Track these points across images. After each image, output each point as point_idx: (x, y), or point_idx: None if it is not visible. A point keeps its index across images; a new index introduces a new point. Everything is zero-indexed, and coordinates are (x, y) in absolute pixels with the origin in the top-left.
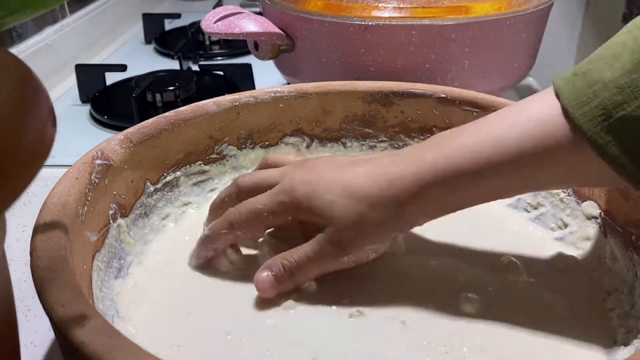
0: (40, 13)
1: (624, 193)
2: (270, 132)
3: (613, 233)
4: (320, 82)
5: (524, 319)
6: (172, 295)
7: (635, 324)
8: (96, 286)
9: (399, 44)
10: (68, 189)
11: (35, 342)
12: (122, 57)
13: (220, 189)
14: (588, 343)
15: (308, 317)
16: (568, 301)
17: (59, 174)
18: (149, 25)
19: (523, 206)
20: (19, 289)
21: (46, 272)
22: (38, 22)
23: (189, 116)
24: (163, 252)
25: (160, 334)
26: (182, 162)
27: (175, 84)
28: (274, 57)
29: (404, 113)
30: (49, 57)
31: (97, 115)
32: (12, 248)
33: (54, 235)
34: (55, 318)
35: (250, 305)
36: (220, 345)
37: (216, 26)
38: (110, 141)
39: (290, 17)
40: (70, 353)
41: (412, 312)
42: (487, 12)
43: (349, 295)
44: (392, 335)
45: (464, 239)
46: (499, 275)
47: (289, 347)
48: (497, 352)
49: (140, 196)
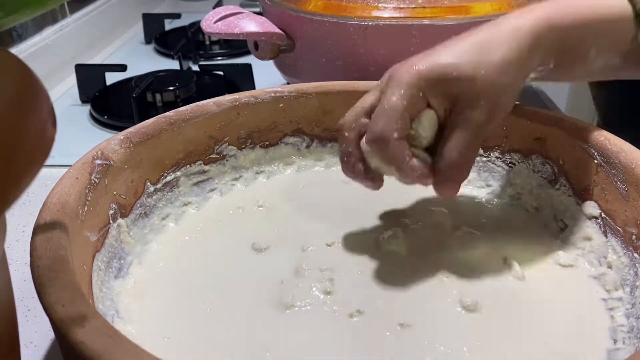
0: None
1: (624, 193)
2: (270, 132)
3: (613, 233)
4: (320, 82)
5: (524, 319)
6: (172, 295)
7: (636, 324)
8: (96, 286)
9: (399, 44)
10: (68, 189)
11: (35, 342)
12: (122, 57)
13: (220, 189)
14: (588, 343)
15: (308, 316)
16: (568, 301)
17: (59, 174)
18: (149, 25)
19: (523, 206)
20: (19, 289)
21: (46, 272)
22: (38, 22)
23: (189, 116)
24: (163, 252)
25: (160, 334)
26: (182, 162)
27: (175, 84)
28: (274, 57)
29: None
30: (49, 57)
31: (97, 115)
32: (12, 248)
33: (54, 235)
34: (55, 318)
35: (250, 305)
36: (220, 345)
37: (216, 26)
38: (110, 141)
39: (290, 17)
40: (70, 353)
41: (412, 312)
42: (487, 12)
43: (349, 295)
44: (392, 335)
45: (464, 238)
46: (499, 275)
47: (288, 347)
48: (497, 352)
49: (140, 196)
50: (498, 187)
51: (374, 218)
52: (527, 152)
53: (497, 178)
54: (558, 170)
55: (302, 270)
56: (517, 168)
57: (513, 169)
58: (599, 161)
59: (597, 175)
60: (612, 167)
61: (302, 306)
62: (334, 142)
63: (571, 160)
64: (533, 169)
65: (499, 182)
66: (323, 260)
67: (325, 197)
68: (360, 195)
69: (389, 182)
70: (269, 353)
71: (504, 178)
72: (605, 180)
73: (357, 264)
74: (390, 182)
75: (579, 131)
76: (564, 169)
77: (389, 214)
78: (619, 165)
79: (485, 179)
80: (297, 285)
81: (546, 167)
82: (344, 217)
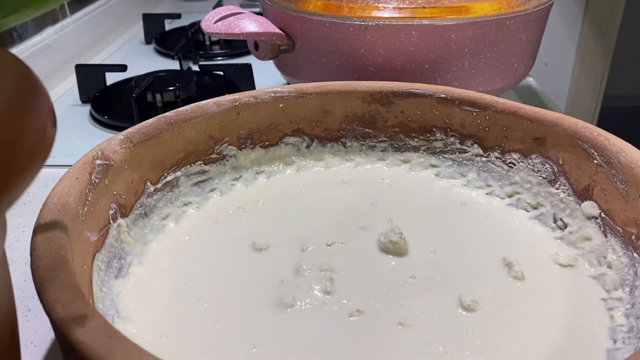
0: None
1: (624, 193)
2: (270, 132)
3: (613, 233)
4: (320, 82)
5: (524, 319)
6: (172, 295)
7: (635, 324)
8: (96, 286)
9: (399, 44)
10: (68, 189)
11: (35, 342)
12: (122, 57)
13: (220, 188)
14: (588, 343)
15: (307, 316)
16: (568, 301)
17: (59, 174)
18: (149, 26)
19: (523, 206)
20: (19, 289)
21: (46, 272)
22: (38, 22)
23: (189, 116)
24: (163, 252)
25: (161, 334)
26: (182, 162)
27: (175, 84)
28: (274, 57)
29: (404, 113)
30: (49, 57)
31: (97, 115)
32: (12, 248)
33: (54, 235)
34: (55, 318)
35: (250, 304)
36: (220, 345)
37: (216, 26)
38: (110, 141)
39: (290, 17)
40: (70, 353)
41: (412, 312)
42: (487, 12)
43: (349, 295)
44: (392, 335)
45: (464, 238)
46: (498, 275)
47: (288, 347)
48: (497, 352)
49: (141, 196)
50: (498, 187)
51: (374, 218)
52: (527, 152)
53: (497, 178)
54: (558, 170)
55: (302, 270)
56: (517, 168)
57: (513, 168)
58: (598, 161)
59: (597, 175)
60: (612, 167)
61: (302, 306)
62: (334, 142)
63: (571, 160)
64: (533, 168)
65: (498, 182)
66: (323, 260)
67: (325, 197)
68: (361, 195)
69: (390, 183)
70: (269, 353)
71: (504, 178)
72: (605, 180)
73: (357, 264)
74: (391, 183)
75: (579, 131)
76: (563, 169)
77: (389, 213)
78: (619, 165)
79: (484, 179)
80: (297, 285)
81: (546, 167)
82: (344, 217)
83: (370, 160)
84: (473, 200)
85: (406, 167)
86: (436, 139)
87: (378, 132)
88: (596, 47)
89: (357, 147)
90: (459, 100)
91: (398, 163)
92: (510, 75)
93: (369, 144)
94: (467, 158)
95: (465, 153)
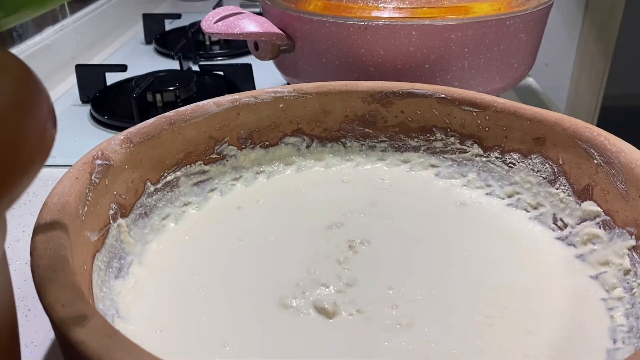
0: (40, 13)
1: (624, 193)
2: (270, 132)
3: (613, 233)
4: (320, 82)
5: (524, 319)
6: (172, 295)
7: (635, 324)
8: (96, 286)
9: (399, 44)
10: (68, 189)
11: (35, 342)
12: (122, 57)
13: (220, 188)
14: (587, 343)
15: (307, 316)
16: (568, 301)
17: (59, 174)
18: (149, 26)
19: (523, 206)
20: (19, 289)
21: (46, 272)
22: (38, 22)
23: (189, 116)
24: (163, 252)
25: (161, 334)
26: (182, 162)
27: (175, 84)
28: (274, 57)
29: (404, 113)
30: (49, 57)
31: (97, 115)
32: (12, 248)
33: (54, 235)
34: (55, 318)
35: (250, 304)
36: (220, 345)
37: (216, 26)
38: (110, 141)
39: (290, 17)
40: (70, 353)
41: (413, 312)
42: (487, 12)
43: (349, 296)
44: (392, 336)
45: (464, 238)
46: (498, 275)
47: (288, 347)
48: (497, 352)
49: (141, 196)
50: (498, 187)
51: (374, 217)
52: (527, 152)
53: (497, 178)
54: (558, 170)
55: (302, 270)
56: (517, 168)
57: (513, 168)
58: (598, 161)
59: (597, 175)
60: (612, 167)
61: (302, 306)
62: (334, 142)
63: (571, 160)
64: (533, 168)
65: (498, 182)
66: (323, 260)
67: (325, 197)
68: (361, 195)
69: (390, 183)
70: (269, 353)
71: (504, 178)
72: (605, 180)
73: (357, 264)
74: (391, 183)
75: (579, 131)
76: (563, 169)
77: (389, 213)
78: (619, 165)
79: (484, 179)
80: (297, 285)
81: (546, 167)
82: (344, 217)
83: (370, 160)
84: (473, 200)
85: (406, 167)
86: (436, 139)
87: (378, 132)
88: (596, 47)
89: (357, 147)
90: (459, 100)
91: (398, 163)
92: (510, 75)
93: (369, 144)
94: (467, 158)
95: (465, 153)
